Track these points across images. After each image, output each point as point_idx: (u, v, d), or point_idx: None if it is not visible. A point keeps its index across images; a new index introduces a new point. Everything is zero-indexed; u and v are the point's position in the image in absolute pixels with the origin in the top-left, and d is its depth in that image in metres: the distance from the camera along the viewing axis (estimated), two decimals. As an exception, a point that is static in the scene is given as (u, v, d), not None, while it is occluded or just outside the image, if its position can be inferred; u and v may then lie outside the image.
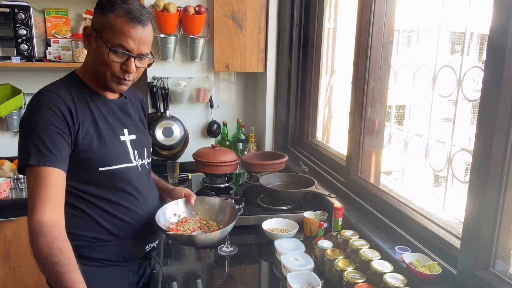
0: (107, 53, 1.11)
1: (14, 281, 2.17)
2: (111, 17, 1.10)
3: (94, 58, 1.16)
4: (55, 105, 1.10)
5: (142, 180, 1.29)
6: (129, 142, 1.26)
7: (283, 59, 2.58)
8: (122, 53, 1.12)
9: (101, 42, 1.12)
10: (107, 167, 1.18)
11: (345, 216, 1.59)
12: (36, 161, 1.04)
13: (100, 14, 1.12)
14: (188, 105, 2.64)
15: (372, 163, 1.82)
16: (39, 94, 1.13)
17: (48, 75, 2.55)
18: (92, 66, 1.18)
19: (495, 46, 1.01)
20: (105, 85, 1.19)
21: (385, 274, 1.18)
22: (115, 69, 1.14)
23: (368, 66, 1.74)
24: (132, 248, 1.27)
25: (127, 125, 1.28)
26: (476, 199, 1.07)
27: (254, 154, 2.44)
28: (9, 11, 2.19)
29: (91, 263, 1.19)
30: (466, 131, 1.59)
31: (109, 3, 1.11)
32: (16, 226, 2.11)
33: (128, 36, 1.11)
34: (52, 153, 1.06)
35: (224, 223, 1.39)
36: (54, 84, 1.18)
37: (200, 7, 2.40)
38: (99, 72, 1.16)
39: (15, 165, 2.39)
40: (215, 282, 1.38)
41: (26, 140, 1.07)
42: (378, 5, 1.69)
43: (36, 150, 1.05)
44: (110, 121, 1.23)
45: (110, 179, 1.20)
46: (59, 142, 1.08)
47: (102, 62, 1.13)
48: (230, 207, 1.44)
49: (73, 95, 1.15)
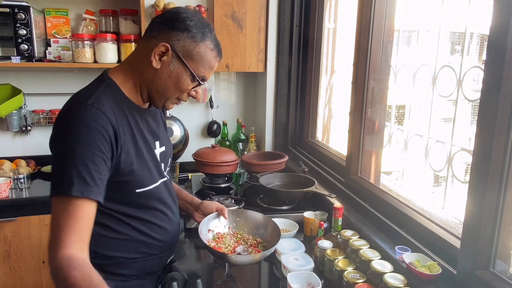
0: (189, 82, 1.08)
1: (14, 281, 2.17)
2: (202, 48, 1.06)
3: (165, 81, 1.08)
4: (101, 126, 0.98)
5: (170, 195, 1.25)
6: (159, 155, 1.20)
7: (283, 59, 2.58)
8: (200, 83, 1.11)
9: (184, 69, 1.07)
10: (144, 188, 1.12)
11: (345, 216, 1.59)
12: (80, 193, 0.93)
13: (189, 39, 1.05)
14: (188, 105, 2.65)
15: (372, 163, 1.82)
16: (81, 107, 0.99)
17: (48, 75, 2.56)
18: (154, 84, 1.09)
19: (495, 46, 1.01)
20: (160, 103, 1.13)
21: (385, 274, 1.18)
22: (185, 94, 1.12)
23: (368, 66, 1.74)
24: (158, 262, 1.25)
25: (159, 136, 1.21)
26: (476, 199, 1.07)
27: (254, 154, 2.44)
28: (9, 11, 2.19)
29: (117, 278, 1.15)
30: (466, 131, 1.59)
31: (198, 30, 1.05)
32: (16, 226, 2.11)
33: (212, 69, 1.11)
34: (96, 184, 0.96)
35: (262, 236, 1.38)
36: (95, 97, 1.02)
37: (200, 7, 2.40)
38: (164, 93, 1.10)
39: (15, 165, 2.39)
40: (215, 282, 1.38)
41: (67, 164, 0.95)
42: (378, 5, 1.69)
43: (80, 179, 0.94)
44: (146, 135, 1.15)
45: (145, 199, 1.14)
46: (103, 170, 0.98)
47: (177, 86, 1.09)
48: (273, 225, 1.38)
49: (114, 110, 1.04)
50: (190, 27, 1.05)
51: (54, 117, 2.53)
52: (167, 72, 1.07)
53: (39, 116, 2.53)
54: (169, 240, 1.24)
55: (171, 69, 1.06)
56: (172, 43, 1.04)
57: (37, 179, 2.40)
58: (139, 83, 1.11)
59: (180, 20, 1.05)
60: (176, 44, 1.05)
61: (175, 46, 1.05)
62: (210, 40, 1.08)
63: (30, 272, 2.19)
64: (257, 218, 1.43)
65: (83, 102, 1.00)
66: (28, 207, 2.12)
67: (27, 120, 2.51)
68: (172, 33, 1.04)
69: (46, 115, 2.54)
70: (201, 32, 1.06)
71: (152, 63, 1.05)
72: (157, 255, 1.22)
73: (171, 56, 1.05)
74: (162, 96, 1.11)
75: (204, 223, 1.34)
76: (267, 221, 1.41)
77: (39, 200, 2.13)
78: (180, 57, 1.05)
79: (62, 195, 0.94)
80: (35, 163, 2.51)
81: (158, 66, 1.06)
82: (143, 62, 1.08)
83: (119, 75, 1.11)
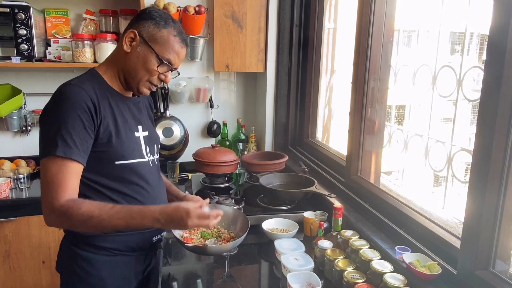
0: (155, 63, 1.23)
1: (14, 281, 2.17)
2: (165, 33, 1.22)
3: (134, 62, 1.24)
4: (82, 99, 1.14)
5: (152, 175, 1.34)
6: (142, 138, 1.33)
7: (283, 59, 2.58)
8: (167, 66, 1.25)
9: (150, 51, 1.22)
10: (123, 161, 1.24)
11: (345, 216, 1.59)
12: (63, 153, 1.10)
13: (153, 26, 1.22)
14: (188, 105, 2.65)
15: (372, 163, 1.82)
16: (65, 87, 1.16)
17: (48, 75, 2.56)
18: (126, 67, 1.25)
19: (495, 46, 1.01)
20: (135, 86, 1.28)
21: (385, 274, 1.18)
22: (154, 77, 1.26)
23: (368, 66, 1.74)
24: (140, 239, 1.32)
25: (141, 122, 1.35)
26: (476, 199, 1.07)
27: (254, 154, 2.44)
28: (9, 11, 2.19)
29: (102, 252, 1.25)
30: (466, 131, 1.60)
31: (161, 19, 1.23)
32: (16, 226, 2.11)
33: (177, 54, 1.26)
34: (77, 147, 1.12)
35: (235, 231, 1.47)
36: (78, 79, 1.21)
37: (200, 7, 2.40)
38: (135, 75, 1.25)
39: (15, 165, 2.39)
40: (215, 282, 1.38)
41: (52, 131, 1.12)
42: (378, 5, 1.69)
43: (63, 142, 1.10)
44: (127, 118, 1.29)
45: (125, 172, 1.25)
46: (84, 136, 1.14)
47: (145, 68, 1.24)
48: (242, 216, 1.50)
49: (96, 91, 1.20)
50: (154, 16, 1.23)
51: (54, 117, 2.53)
52: (135, 54, 1.23)
53: (39, 116, 2.52)
54: None
55: (138, 51, 1.23)
56: (139, 30, 1.22)
57: (37, 179, 2.40)
58: (117, 71, 1.28)
59: (146, 12, 1.25)
60: (142, 30, 1.22)
61: (141, 32, 1.22)
62: (173, 28, 1.24)
63: (30, 272, 2.19)
64: (231, 213, 1.52)
65: (70, 83, 1.18)
66: (28, 207, 2.12)
67: (27, 120, 2.51)
68: (139, 23, 1.23)
69: (46, 115, 2.54)
70: (164, 20, 1.23)
71: (124, 47, 1.23)
72: (138, 231, 1.27)
73: (139, 41, 1.22)
74: (134, 78, 1.26)
75: None
76: (238, 215, 1.52)
77: (39, 200, 2.10)
78: (145, 40, 1.22)
79: (48, 156, 1.11)
80: (35, 163, 2.51)
81: (128, 50, 1.23)
82: (119, 52, 1.26)
83: (102, 67, 1.30)
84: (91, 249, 1.24)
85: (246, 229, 1.40)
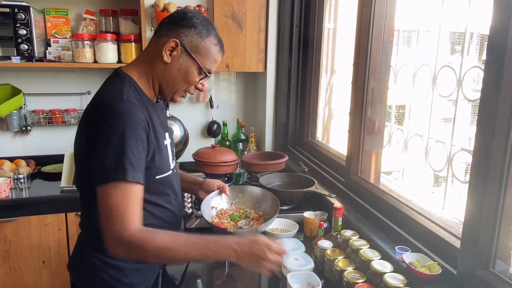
0: (196, 75, 1.18)
1: (14, 281, 2.17)
2: (208, 43, 1.16)
3: (175, 73, 1.17)
4: (140, 118, 1.07)
5: (177, 182, 1.34)
6: (169, 146, 1.28)
7: (283, 59, 2.58)
8: (206, 76, 1.21)
9: (193, 63, 1.16)
10: (162, 175, 1.20)
11: (345, 216, 1.59)
12: (133, 178, 1.03)
13: (196, 35, 1.15)
14: (188, 105, 2.65)
15: (372, 163, 1.82)
16: (118, 104, 1.07)
17: (48, 75, 2.56)
18: (165, 78, 1.18)
19: (495, 46, 1.01)
20: (169, 96, 1.22)
21: (385, 274, 1.18)
22: (192, 86, 1.21)
23: (368, 66, 1.74)
24: None
25: (167, 128, 1.30)
26: (476, 199, 1.07)
27: (254, 154, 2.44)
28: (9, 11, 2.18)
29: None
30: (466, 131, 1.60)
31: (204, 27, 1.16)
32: (16, 226, 2.11)
33: (216, 63, 1.22)
34: (141, 169, 1.07)
35: (264, 210, 1.49)
36: (125, 92, 1.11)
37: (200, 7, 2.40)
38: (173, 86, 1.19)
39: (15, 165, 2.39)
40: (215, 282, 1.38)
41: (118, 153, 1.02)
42: (378, 5, 1.69)
43: (131, 166, 1.03)
44: (159, 127, 1.21)
45: (161, 185, 1.22)
46: (143, 157, 1.09)
47: (186, 80, 1.18)
48: (270, 196, 1.51)
49: (140, 104, 1.13)
50: (197, 24, 1.15)
51: (54, 117, 2.53)
52: (177, 65, 1.16)
53: (39, 116, 2.53)
54: (176, 222, 1.33)
55: (180, 62, 1.16)
56: (181, 39, 1.14)
57: (37, 179, 2.40)
58: (151, 78, 1.19)
59: (187, 18, 1.15)
60: (184, 39, 1.14)
61: (183, 41, 1.14)
62: (214, 36, 1.18)
63: (30, 272, 2.18)
64: (257, 193, 1.53)
65: (120, 97, 1.08)
66: (28, 207, 2.11)
67: (27, 120, 2.51)
68: (180, 30, 1.14)
69: (46, 115, 2.54)
70: (206, 29, 1.16)
71: (164, 57, 1.14)
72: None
73: (180, 50, 1.15)
74: (171, 89, 1.20)
75: (206, 201, 1.41)
76: (266, 194, 1.52)
77: (39, 200, 2.13)
78: (188, 51, 1.15)
79: (116, 181, 1.02)
80: (35, 163, 2.51)
81: (169, 61, 1.15)
82: (154, 58, 1.16)
83: (134, 72, 1.18)
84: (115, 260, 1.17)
85: (277, 208, 1.40)
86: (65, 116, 2.56)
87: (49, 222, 2.14)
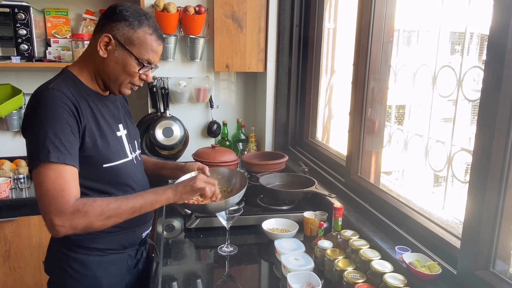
0: (135, 66, 1.21)
1: (14, 281, 2.17)
2: (141, 33, 1.19)
3: (113, 67, 1.20)
4: (65, 103, 1.11)
5: (137, 172, 1.37)
6: (124, 137, 1.32)
7: (283, 59, 2.58)
8: (147, 67, 1.24)
9: (129, 55, 1.19)
10: (110, 163, 1.23)
11: (345, 216, 1.59)
12: (57, 159, 1.06)
13: (127, 27, 1.18)
14: (188, 105, 2.65)
15: (372, 163, 1.82)
16: (44, 93, 1.13)
17: (48, 75, 2.53)
18: (105, 72, 1.22)
19: (495, 46, 1.01)
20: (116, 89, 1.26)
21: (385, 274, 1.18)
22: (135, 78, 1.24)
23: (368, 66, 1.74)
24: (131, 237, 1.35)
25: (121, 120, 1.34)
26: (476, 199, 1.07)
27: (254, 154, 2.44)
28: (9, 11, 2.19)
29: (94, 252, 1.26)
30: (466, 131, 1.60)
31: (134, 18, 1.18)
32: (16, 226, 2.11)
33: (155, 52, 1.23)
34: (68, 151, 1.09)
35: (234, 186, 1.55)
36: (54, 83, 1.17)
37: (200, 7, 2.40)
38: (116, 79, 1.23)
39: (15, 165, 2.39)
40: (215, 282, 1.38)
41: (41, 137, 1.07)
42: (378, 5, 1.69)
43: (55, 147, 1.07)
44: (107, 118, 1.27)
45: (112, 175, 1.24)
46: (72, 140, 1.12)
47: (126, 72, 1.21)
48: (240, 175, 1.57)
49: (73, 93, 1.17)
50: (127, 16, 1.18)
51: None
52: (113, 59, 1.20)
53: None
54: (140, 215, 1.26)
55: (116, 56, 1.19)
56: (113, 33, 1.18)
57: (37, 179, 2.40)
58: (93, 72, 1.25)
59: (117, 12, 1.19)
60: (116, 33, 1.18)
61: (116, 35, 1.18)
62: (148, 26, 1.20)
63: (30, 272, 2.19)
64: (226, 172, 1.61)
65: (48, 87, 1.14)
66: (28, 207, 2.12)
67: (27, 120, 2.50)
68: (112, 25, 1.18)
69: (46, 115, 2.54)
70: (138, 20, 1.19)
71: (100, 53, 1.19)
72: (130, 229, 1.32)
73: (115, 44, 1.18)
74: (115, 82, 1.24)
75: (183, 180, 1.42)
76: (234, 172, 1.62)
77: (39, 200, 2.13)
78: (122, 44, 1.18)
79: (42, 163, 1.06)
80: (35, 163, 2.51)
81: (105, 55, 1.19)
82: (93, 54, 1.21)
83: (75, 68, 1.25)
84: (83, 251, 1.24)
85: (245, 183, 1.44)
86: (65, 116, 2.56)
87: (49, 222, 2.14)
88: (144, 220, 1.37)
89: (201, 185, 1.23)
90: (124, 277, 1.36)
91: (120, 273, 1.34)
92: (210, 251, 1.58)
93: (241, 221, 1.65)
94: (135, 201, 1.15)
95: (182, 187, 1.23)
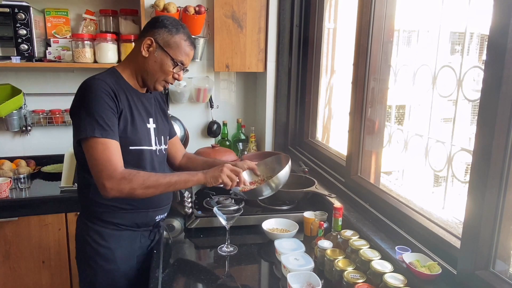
0: (170, 65, 1.43)
1: (14, 281, 2.17)
2: (177, 38, 1.42)
3: (152, 65, 1.42)
4: (106, 90, 1.33)
5: (159, 162, 1.54)
6: (152, 130, 1.51)
7: (283, 59, 2.58)
8: (180, 67, 1.46)
9: (166, 55, 1.42)
10: (136, 147, 1.42)
11: (345, 216, 1.59)
12: (100, 134, 1.28)
13: (166, 33, 1.41)
14: (188, 105, 2.65)
15: (372, 163, 1.82)
16: (90, 81, 1.34)
17: (48, 75, 2.56)
18: (145, 69, 1.44)
19: (495, 46, 1.01)
20: (151, 85, 1.47)
21: (385, 274, 1.18)
22: (169, 76, 1.46)
23: (368, 66, 1.74)
24: (145, 217, 1.51)
25: (152, 115, 1.53)
26: (476, 199, 1.07)
27: (254, 154, 2.44)
28: (9, 11, 2.19)
29: (110, 226, 1.45)
30: (466, 131, 1.59)
31: (173, 26, 1.42)
32: (16, 226, 2.11)
33: (188, 55, 1.46)
34: (110, 129, 1.31)
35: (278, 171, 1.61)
36: (100, 75, 1.39)
37: (200, 7, 2.40)
38: (153, 76, 1.44)
39: (15, 165, 2.39)
40: (215, 282, 1.38)
41: (87, 117, 1.29)
42: (378, 5, 1.69)
43: (99, 125, 1.28)
44: (140, 110, 1.47)
45: (136, 157, 1.43)
46: (113, 120, 1.33)
47: (162, 70, 1.43)
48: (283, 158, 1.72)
49: (115, 85, 1.38)
50: (167, 24, 1.42)
51: (54, 117, 2.54)
52: (153, 58, 1.42)
53: (39, 116, 2.53)
54: (156, 199, 1.48)
55: (155, 56, 1.42)
56: (155, 37, 1.41)
57: (37, 179, 2.40)
58: (135, 71, 1.47)
59: (159, 21, 1.43)
60: (157, 37, 1.41)
61: (157, 39, 1.41)
62: (183, 34, 1.44)
63: (30, 272, 2.19)
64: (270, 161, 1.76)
65: (94, 78, 1.37)
66: (28, 207, 2.12)
67: (27, 120, 2.51)
68: (154, 30, 1.42)
69: (46, 115, 2.54)
70: (175, 28, 1.43)
71: (142, 53, 1.42)
72: (143, 209, 1.48)
73: (155, 46, 1.41)
74: (152, 79, 1.45)
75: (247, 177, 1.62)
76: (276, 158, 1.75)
77: (39, 200, 2.13)
78: (161, 46, 1.41)
79: (89, 136, 1.28)
80: (35, 163, 2.51)
81: (146, 55, 1.42)
82: (137, 54, 1.45)
83: (120, 66, 1.49)
84: (101, 223, 1.44)
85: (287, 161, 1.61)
86: (65, 116, 2.56)
87: (49, 222, 2.15)
88: (157, 204, 1.52)
89: (223, 176, 1.40)
90: (135, 252, 1.51)
91: (132, 248, 1.50)
92: (210, 251, 1.58)
93: (241, 221, 1.65)
94: (171, 177, 1.35)
95: (211, 173, 1.41)
